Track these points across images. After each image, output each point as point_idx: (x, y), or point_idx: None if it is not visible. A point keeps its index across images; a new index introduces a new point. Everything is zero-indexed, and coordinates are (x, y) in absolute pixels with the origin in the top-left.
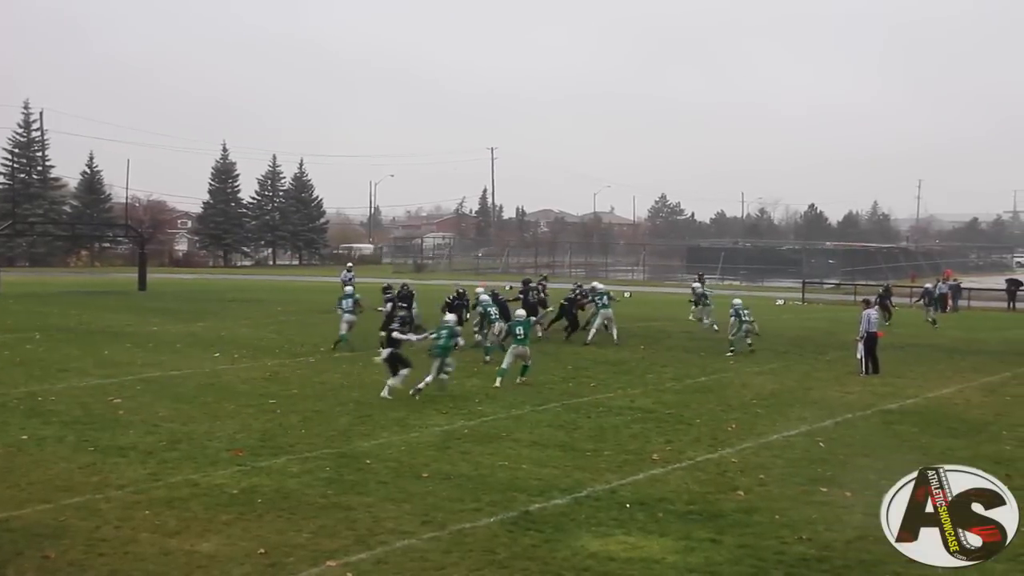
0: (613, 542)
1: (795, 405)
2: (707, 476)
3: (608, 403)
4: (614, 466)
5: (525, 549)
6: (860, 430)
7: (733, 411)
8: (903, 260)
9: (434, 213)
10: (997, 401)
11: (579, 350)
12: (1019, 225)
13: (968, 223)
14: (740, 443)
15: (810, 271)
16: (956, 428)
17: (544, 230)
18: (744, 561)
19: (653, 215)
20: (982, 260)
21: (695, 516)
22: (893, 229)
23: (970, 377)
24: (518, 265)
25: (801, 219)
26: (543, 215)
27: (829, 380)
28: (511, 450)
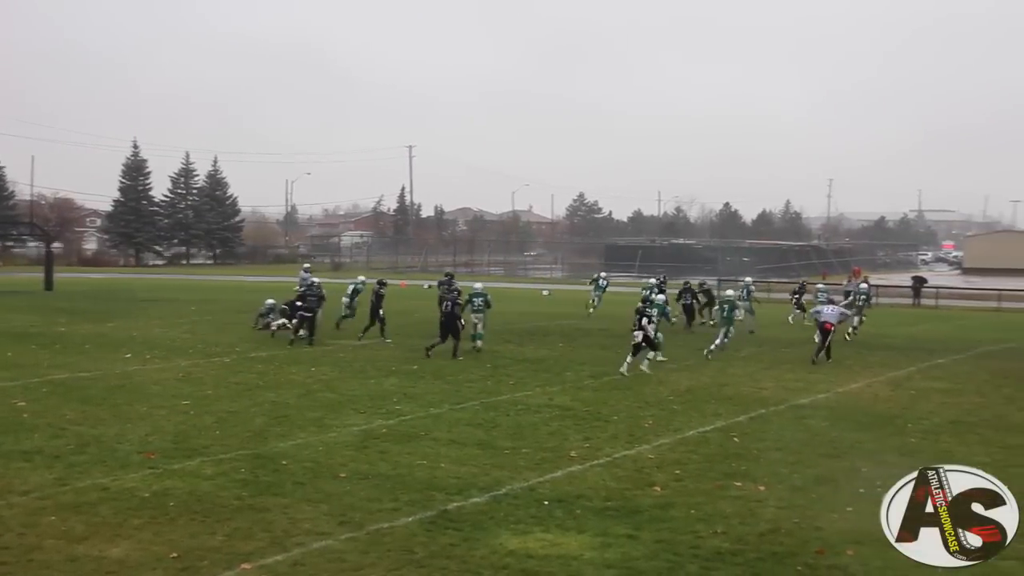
0: (531, 539)
1: (710, 401)
2: (624, 472)
3: (527, 401)
4: (532, 464)
5: (443, 548)
6: (773, 425)
7: (650, 408)
8: (815, 258)
9: (352, 212)
10: (903, 395)
11: (498, 348)
12: (923, 224)
13: (876, 222)
14: (657, 439)
15: (725, 269)
16: (864, 422)
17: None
18: (660, 556)
19: (571, 213)
20: (889, 258)
21: (612, 512)
22: (805, 227)
23: (878, 372)
24: (437, 264)
25: (716, 218)
26: (462, 214)
27: (743, 376)
28: (429, 449)
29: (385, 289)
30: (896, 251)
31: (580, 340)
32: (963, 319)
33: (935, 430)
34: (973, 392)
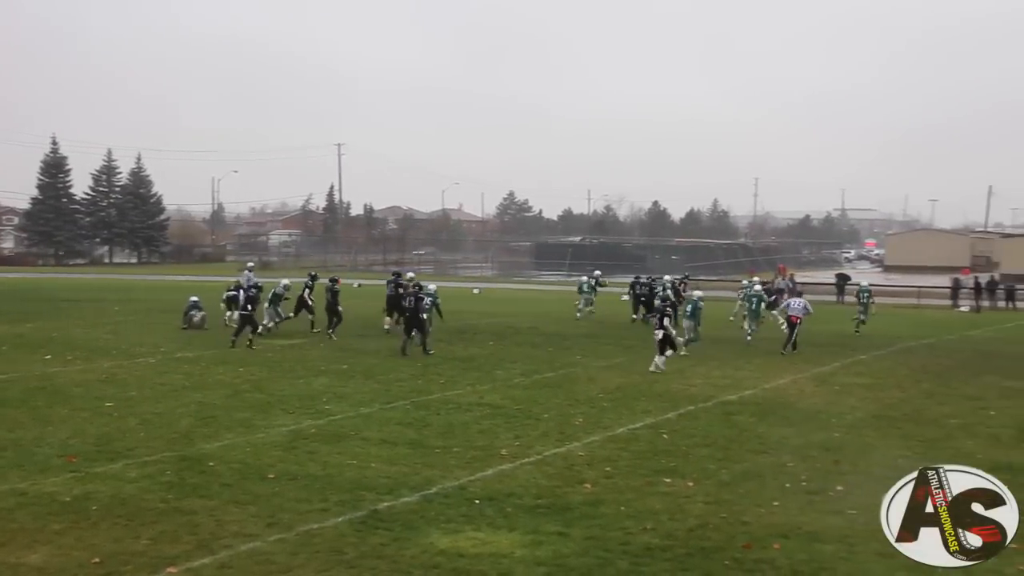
0: (462, 538)
1: (640, 398)
2: (555, 470)
3: (457, 400)
4: (463, 462)
5: (374, 548)
6: (701, 421)
7: (580, 405)
8: (742, 255)
9: (280, 210)
10: (827, 391)
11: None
12: (846, 222)
13: (801, 220)
14: (587, 437)
15: (655, 266)
16: (790, 417)
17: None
18: (591, 552)
19: (502, 212)
20: (814, 255)
21: (543, 510)
22: (732, 226)
23: (803, 368)
24: (366, 263)
25: (646, 216)
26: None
27: (673, 373)
28: (360, 449)
29: (339, 286)
30: (821, 249)
31: (511, 338)
32: (885, 316)
33: (858, 425)
34: (894, 387)
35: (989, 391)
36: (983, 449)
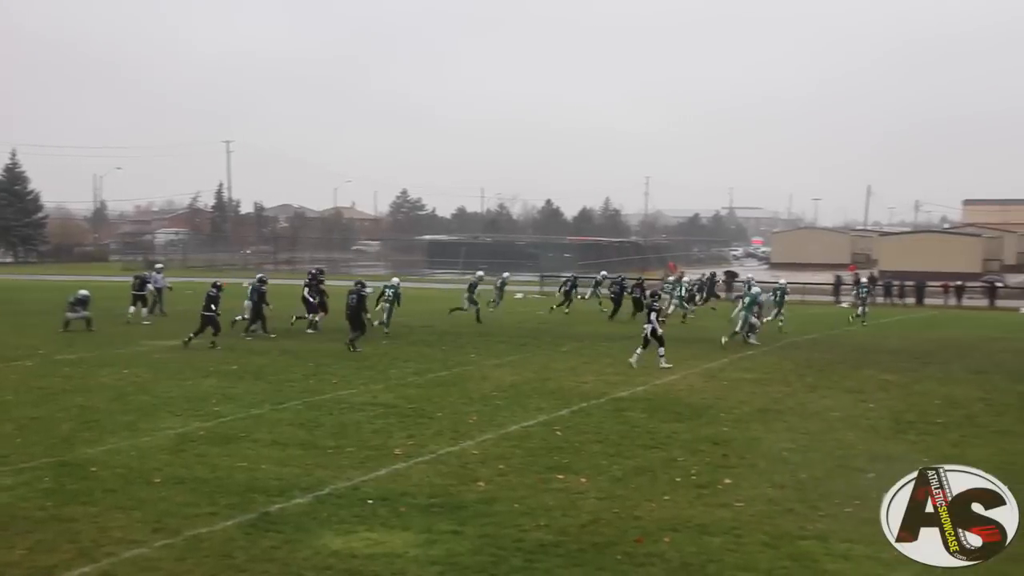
0: (355, 539)
1: (533, 396)
2: (449, 468)
3: (350, 399)
4: (356, 462)
5: (264, 551)
6: (594, 418)
7: (474, 403)
8: (634, 253)
9: (166, 208)
10: (716, 386)
11: (321, 346)
12: (734, 220)
13: (691, 218)
14: (481, 435)
15: (548, 265)
16: (681, 412)
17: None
18: (484, 550)
19: (395, 210)
20: (703, 253)
21: (437, 509)
22: (624, 224)
23: (693, 364)
24: (257, 261)
25: (539, 214)
26: (282, 210)
27: (565, 371)
28: (250, 451)
29: (266, 286)
30: (710, 247)
31: (404, 337)
32: None
33: (745, 418)
34: (779, 382)
35: (868, 384)
36: (863, 441)
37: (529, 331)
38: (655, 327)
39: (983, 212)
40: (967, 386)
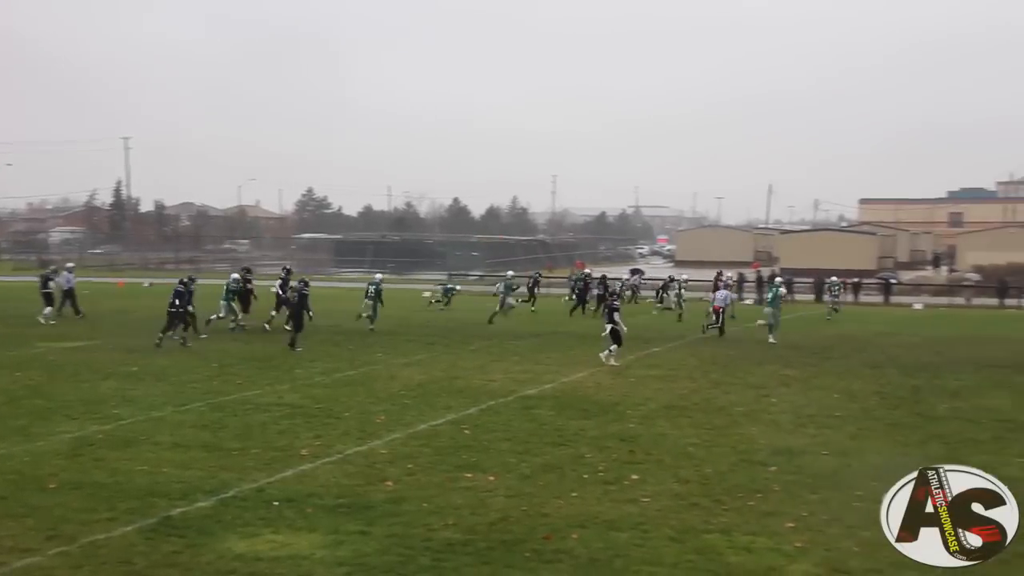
0: (260, 542)
1: (442, 395)
2: (356, 469)
3: (255, 400)
4: (261, 464)
5: (166, 556)
6: (502, 416)
7: (382, 403)
8: (541, 252)
9: (62, 206)
10: (623, 383)
11: (225, 346)
12: (640, 219)
13: (597, 217)
14: (389, 434)
15: (455, 263)
16: (588, 409)
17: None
18: (392, 550)
19: (300, 208)
20: (610, 251)
21: (344, 509)
22: (531, 222)
23: (600, 362)
24: (158, 260)
25: (447, 212)
26: (184, 208)
27: (474, 369)
28: (151, 454)
29: (194, 285)
30: (616, 245)
31: (310, 337)
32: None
33: (652, 415)
34: (685, 378)
35: (770, 380)
36: (765, 435)
37: (437, 330)
38: (616, 326)
39: (878, 211)
40: (864, 380)
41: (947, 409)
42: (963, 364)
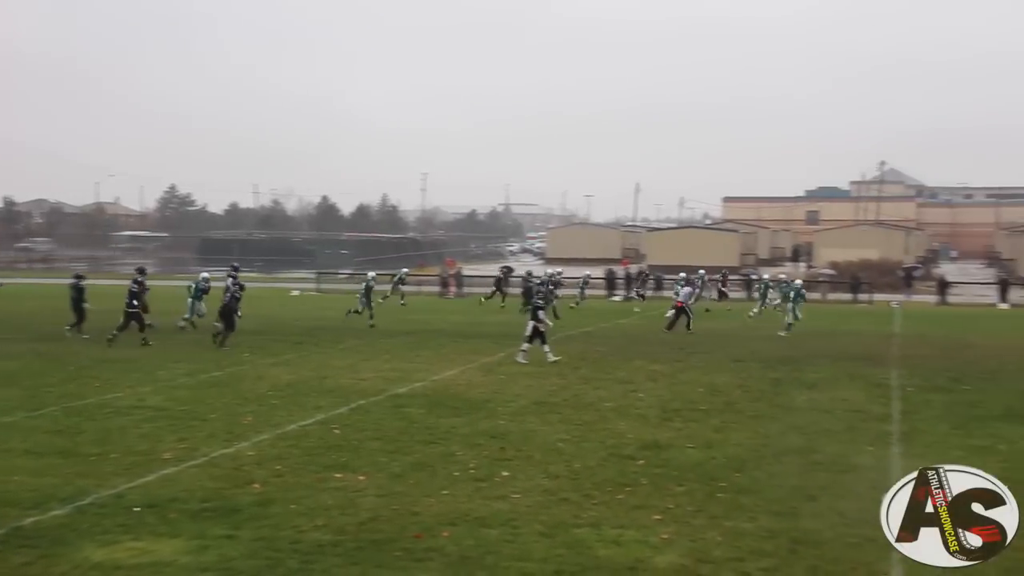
0: (120, 549)
1: (311, 394)
2: (222, 471)
3: (115, 403)
4: (121, 469)
5: (15, 569)
6: (373, 415)
7: (249, 404)
8: (412, 250)
9: None
10: (494, 380)
11: (82, 349)
12: (511, 216)
13: (468, 214)
14: (256, 435)
15: (324, 261)
16: (459, 407)
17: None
18: (260, 554)
19: (163, 206)
20: (481, 249)
21: (209, 513)
22: (402, 220)
23: (471, 359)
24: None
25: (315, 210)
26: (36, 206)
27: (344, 368)
28: (1, 462)
29: (84, 283)
30: (487, 242)
31: (173, 338)
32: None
33: (522, 411)
34: (554, 375)
35: (638, 375)
36: (633, 429)
37: (306, 329)
38: (538, 324)
39: (740, 209)
40: (727, 374)
41: (805, 401)
42: (820, 357)
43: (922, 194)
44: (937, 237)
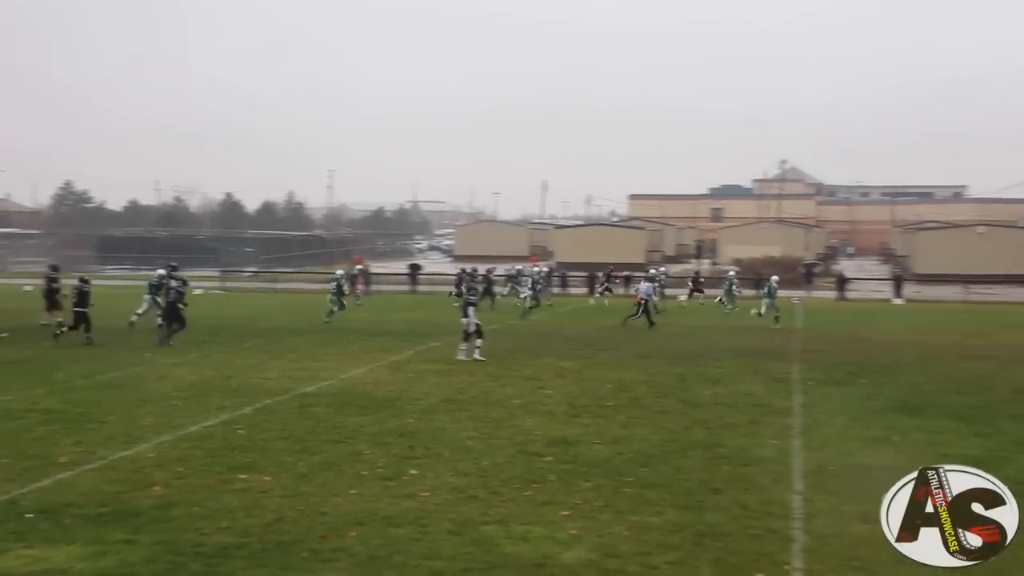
0: (11, 558)
1: (215, 394)
2: (121, 475)
3: (7, 407)
4: (13, 475)
5: None
6: (279, 415)
7: (150, 405)
8: (318, 247)
9: None
10: (402, 378)
11: None
12: (419, 214)
13: (375, 212)
14: (157, 437)
15: (229, 259)
16: (367, 406)
17: None
18: (161, 558)
19: (58, 203)
20: (388, 246)
21: (107, 518)
22: (308, 218)
23: (379, 357)
24: None
25: (219, 207)
26: None
27: (249, 367)
28: None
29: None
30: (395, 240)
31: (73, 337)
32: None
33: (431, 409)
34: (463, 372)
35: (546, 371)
36: (541, 426)
37: (209, 328)
38: (471, 321)
39: (646, 207)
40: (634, 370)
41: (710, 396)
42: (724, 353)
43: (821, 192)
44: (836, 234)
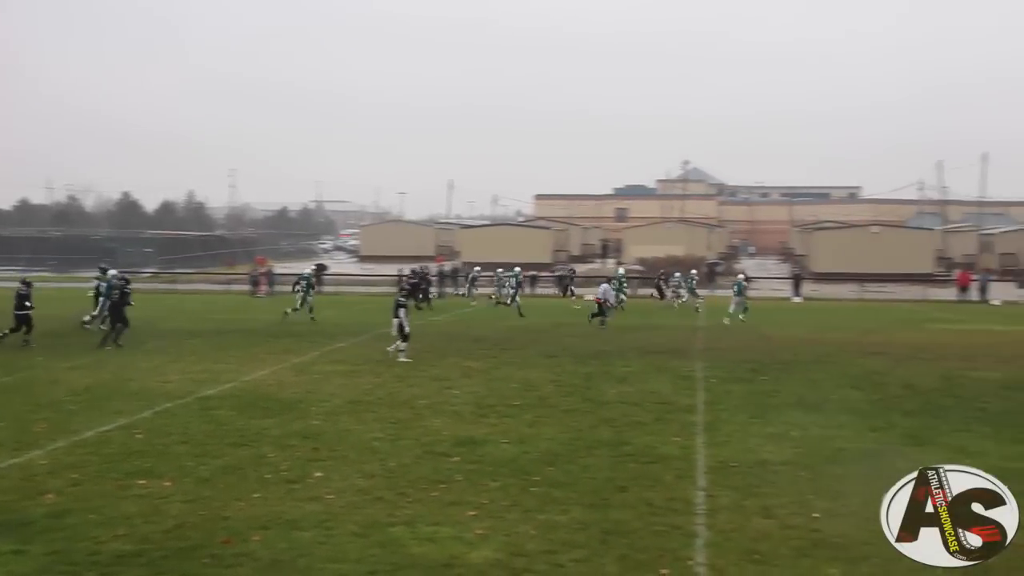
0: None
1: (112, 399)
2: (11, 483)
3: None
4: None
5: None
6: (179, 418)
7: (42, 410)
8: (220, 247)
9: None
10: (307, 380)
11: None
12: (323, 214)
13: (279, 212)
14: (51, 443)
15: (127, 260)
16: (271, 408)
17: None
18: (53, 569)
19: None
20: (292, 247)
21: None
22: (209, 217)
23: (283, 359)
24: None
25: (115, 207)
26: None
27: (148, 370)
28: None
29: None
30: (299, 240)
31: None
32: (361, 304)
33: (336, 411)
34: (369, 373)
35: (452, 371)
36: (448, 426)
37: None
38: (403, 322)
39: (552, 206)
40: (540, 370)
41: (616, 394)
42: (629, 352)
43: (723, 193)
44: (737, 234)
